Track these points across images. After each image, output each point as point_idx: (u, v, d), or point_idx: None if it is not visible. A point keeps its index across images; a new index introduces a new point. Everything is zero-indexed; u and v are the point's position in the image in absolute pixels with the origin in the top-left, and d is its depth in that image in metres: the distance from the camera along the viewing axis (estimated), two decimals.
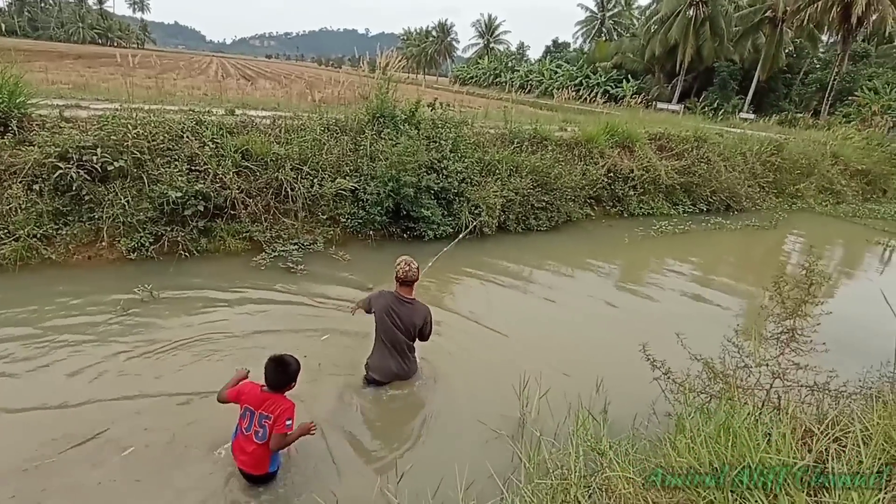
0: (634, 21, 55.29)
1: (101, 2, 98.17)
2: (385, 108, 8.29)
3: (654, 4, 40.97)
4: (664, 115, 17.99)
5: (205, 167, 6.51)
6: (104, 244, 5.89)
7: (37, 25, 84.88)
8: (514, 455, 3.28)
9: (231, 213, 6.63)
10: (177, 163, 6.33)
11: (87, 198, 5.87)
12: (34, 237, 5.53)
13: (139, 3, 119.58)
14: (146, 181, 6.09)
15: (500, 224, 8.46)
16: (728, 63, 37.70)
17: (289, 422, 2.85)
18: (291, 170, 7.04)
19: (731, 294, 7.20)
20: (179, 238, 6.13)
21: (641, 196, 10.92)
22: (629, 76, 43.55)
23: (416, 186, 7.42)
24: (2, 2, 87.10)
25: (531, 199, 8.88)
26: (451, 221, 7.86)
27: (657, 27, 38.01)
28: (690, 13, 35.79)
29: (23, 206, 5.59)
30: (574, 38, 65.25)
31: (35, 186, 5.70)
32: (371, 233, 7.46)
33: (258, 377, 3.03)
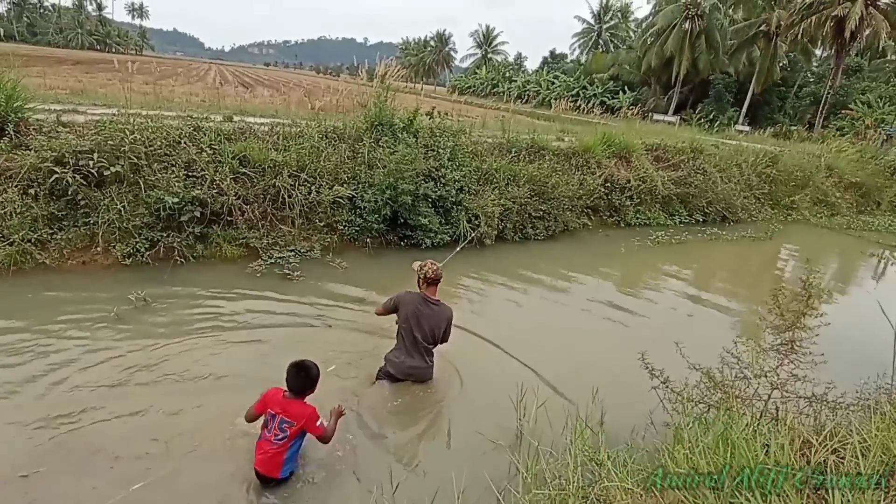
0: (631, 33, 55.94)
1: (101, 8, 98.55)
2: (383, 117, 8.31)
3: (651, 17, 41.45)
4: (660, 127, 18.12)
5: (202, 173, 6.49)
6: (99, 249, 5.85)
7: (35, 31, 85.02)
8: (512, 465, 3.25)
9: (228, 220, 6.61)
10: (174, 168, 6.31)
11: (83, 203, 5.84)
12: (28, 242, 5.49)
13: (138, 10, 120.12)
14: (143, 186, 6.06)
15: (498, 233, 8.46)
16: (723, 76, 38.15)
17: (318, 422, 3.05)
18: (289, 177, 7.03)
19: (728, 304, 7.21)
20: (175, 244, 6.09)
21: (638, 206, 10.97)
22: (626, 87, 44.01)
23: (414, 194, 7.42)
24: (1, 7, 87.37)
25: (528, 209, 8.90)
26: (449, 230, 7.86)
27: (653, 40, 38.49)
28: (686, 26, 36.28)
29: (18, 211, 5.55)
30: (571, 50, 65.85)
31: (31, 191, 5.67)
32: (368, 240, 7.44)
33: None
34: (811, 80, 39.47)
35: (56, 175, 5.65)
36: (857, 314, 7.43)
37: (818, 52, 37.88)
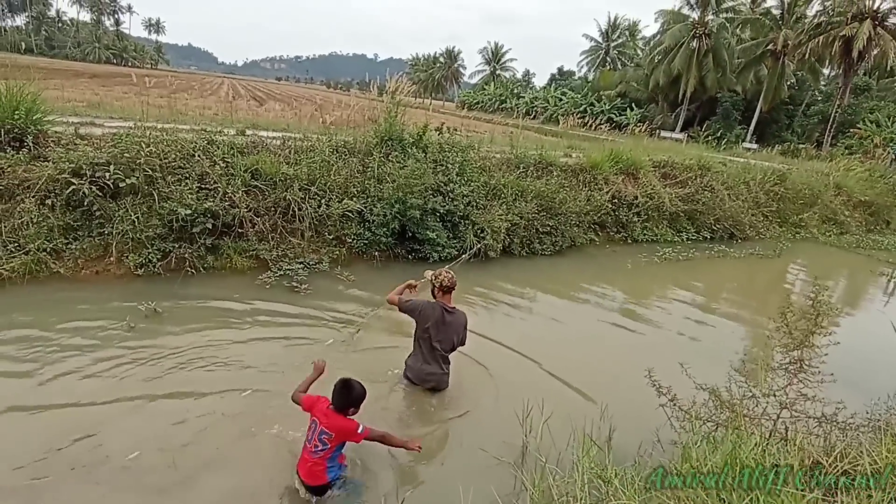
0: (638, 51, 56.30)
1: (118, 23, 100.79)
2: (393, 132, 8.42)
3: (658, 36, 41.77)
4: (668, 144, 18.19)
5: (214, 185, 6.59)
6: (112, 259, 5.94)
7: (54, 45, 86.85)
8: (518, 481, 3.24)
9: (238, 232, 6.69)
10: (187, 181, 6.42)
11: (98, 213, 5.94)
12: (44, 251, 5.59)
13: (155, 26, 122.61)
14: (156, 198, 6.16)
15: (505, 248, 8.49)
16: (731, 94, 38.25)
17: (360, 429, 3.01)
18: (299, 190, 7.12)
19: (735, 322, 7.17)
20: (187, 255, 6.17)
21: (645, 222, 10.97)
22: (633, 105, 44.16)
23: (423, 209, 7.49)
24: (21, 21, 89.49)
25: (536, 224, 8.93)
26: (456, 244, 7.89)
27: (661, 58, 38.69)
28: (693, 45, 36.48)
29: (34, 220, 5.66)
30: (579, 67, 66.34)
31: (48, 201, 5.78)
32: (376, 253, 7.50)
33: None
34: (819, 99, 39.49)
35: (73, 186, 5.77)
36: (867, 333, 7.37)
37: (826, 71, 37.99)
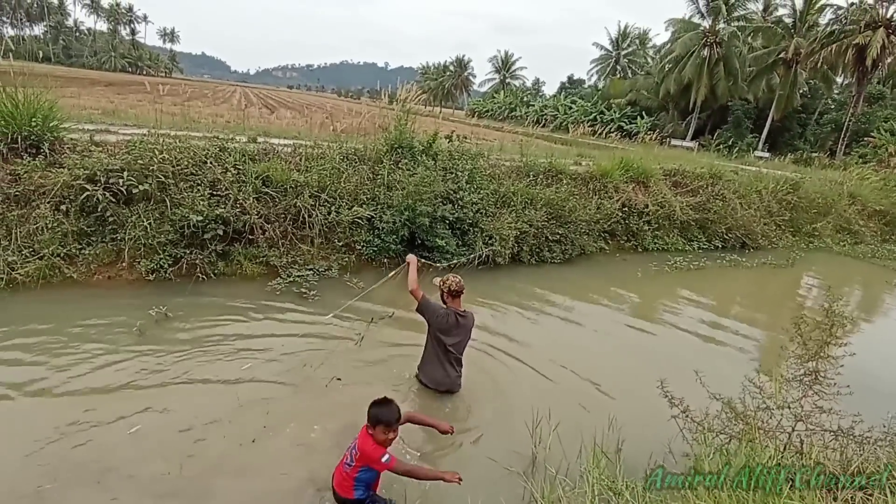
0: (648, 60, 56.25)
1: (134, 32, 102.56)
2: (403, 140, 8.46)
3: (669, 44, 41.67)
4: (678, 152, 18.07)
5: (226, 192, 6.64)
6: (124, 265, 6.01)
7: (70, 53, 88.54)
8: (527, 492, 3.20)
9: (249, 238, 6.74)
10: (199, 187, 6.48)
11: (111, 219, 6.01)
12: (58, 256, 5.67)
13: (170, 35, 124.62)
14: (169, 204, 6.23)
15: (514, 255, 8.47)
16: (742, 102, 38.00)
17: (384, 458, 2.83)
18: (310, 197, 7.16)
19: (748, 333, 7.07)
20: (198, 261, 6.22)
21: (656, 231, 10.90)
22: (643, 113, 44.04)
23: (432, 216, 7.50)
24: (39, 30, 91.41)
25: (545, 232, 8.90)
26: (466, 251, 7.89)
27: (671, 66, 38.61)
28: (704, 53, 36.37)
29: (49, 226, 5.74)
30: (589, 76, 66.34)
31: (62, 207, 5.86)
32: (385, 260, 7.50)
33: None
34: (832, 107, 39.12)
35: (87, 192, 5.84)
36: (884, 345, 7.24)
37: (839, 80, 37.62)
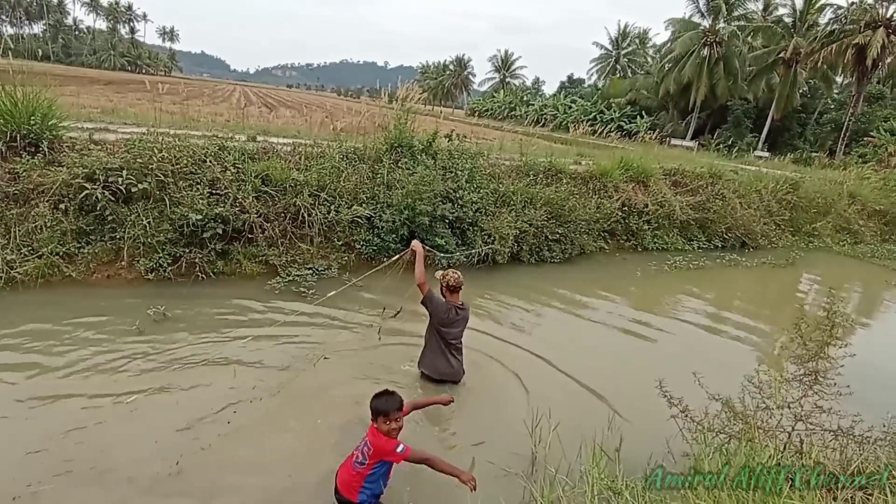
0: (648, 59, 56.26)
1: (133, 31, 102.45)
2: (403, 139, 8.45)
3: (669, 44, 41.67)
4: (678, 152, 18.07)
5: (225, 191, 6.63)
6: (123, 264, 6.00)
7: (70, 52, 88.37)
8: (527, 492, 3.20)
9: (248, 237, 6.73)
10: (198, 186, 6.47)
11: (111, 218, 6.00)
12: (57, 255, 5.66)
13: (169, 34, 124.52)
14: (168, 203, 6.22)
15: (514, 255, 8.47)
16: (742, 101, 38.01)
17: (398, 448, 2.80)
18: (309, 196, 7.15)
19: (747, 332, 7.07)
20: (197, 260, 6.21)
21: (656, 231, 10.90)
22: (643, 112, 44.03)
23: (431, 215, 7.50)
24: (38, 29, 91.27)
25: (545, 231, 8.89)
26: (465, 250, 7.88)
27: (671, 66, 38.61)
28: (704, 53, 36.37)
29: (48, 225, 5.73)
30: (589, 75, 66.37)
31: (61, 206, 5.85)
32: (385, 259, 7.48)
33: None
34: (832, 107, 39.12)
35: (86, 191, 5.83)
36: (884, 345, 7.24)
37: (839, 80, 37.62)
